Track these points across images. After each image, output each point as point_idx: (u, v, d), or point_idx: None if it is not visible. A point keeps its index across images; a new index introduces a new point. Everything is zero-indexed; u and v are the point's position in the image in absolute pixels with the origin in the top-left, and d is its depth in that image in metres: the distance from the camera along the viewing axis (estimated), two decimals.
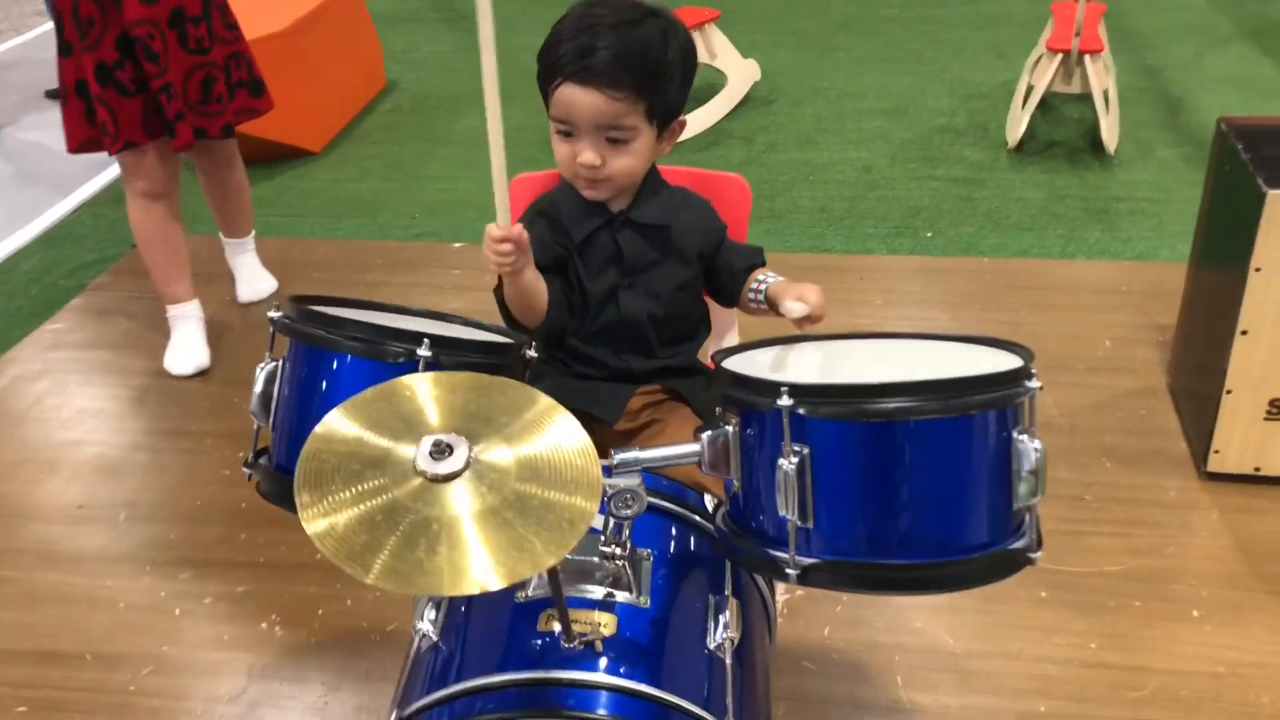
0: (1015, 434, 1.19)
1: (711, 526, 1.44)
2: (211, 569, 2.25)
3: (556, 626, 1.23)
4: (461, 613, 1.33)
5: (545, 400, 1.21)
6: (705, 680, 1.27)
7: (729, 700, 1.26)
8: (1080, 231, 3.48)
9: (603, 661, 1.21)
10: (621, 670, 1.21)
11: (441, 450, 1.09)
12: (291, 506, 1.36)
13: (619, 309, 1.63)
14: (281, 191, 4.00)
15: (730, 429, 1.26)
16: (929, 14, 5.54)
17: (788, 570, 1.20)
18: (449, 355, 1.31)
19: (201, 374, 2.89)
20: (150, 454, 2.62)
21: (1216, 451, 2.29)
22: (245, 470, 1.41)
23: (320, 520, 1.05)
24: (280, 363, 1.39)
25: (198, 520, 2.38)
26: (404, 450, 1.11)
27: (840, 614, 2.05)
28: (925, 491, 1.19)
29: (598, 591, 1.28)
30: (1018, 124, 4.03)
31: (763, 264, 1.69)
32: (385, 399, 1.16)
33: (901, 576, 1.20)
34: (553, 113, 1.55)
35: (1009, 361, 1.28)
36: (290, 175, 4.13)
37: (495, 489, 1.09)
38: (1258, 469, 2.29)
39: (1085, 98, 4.31)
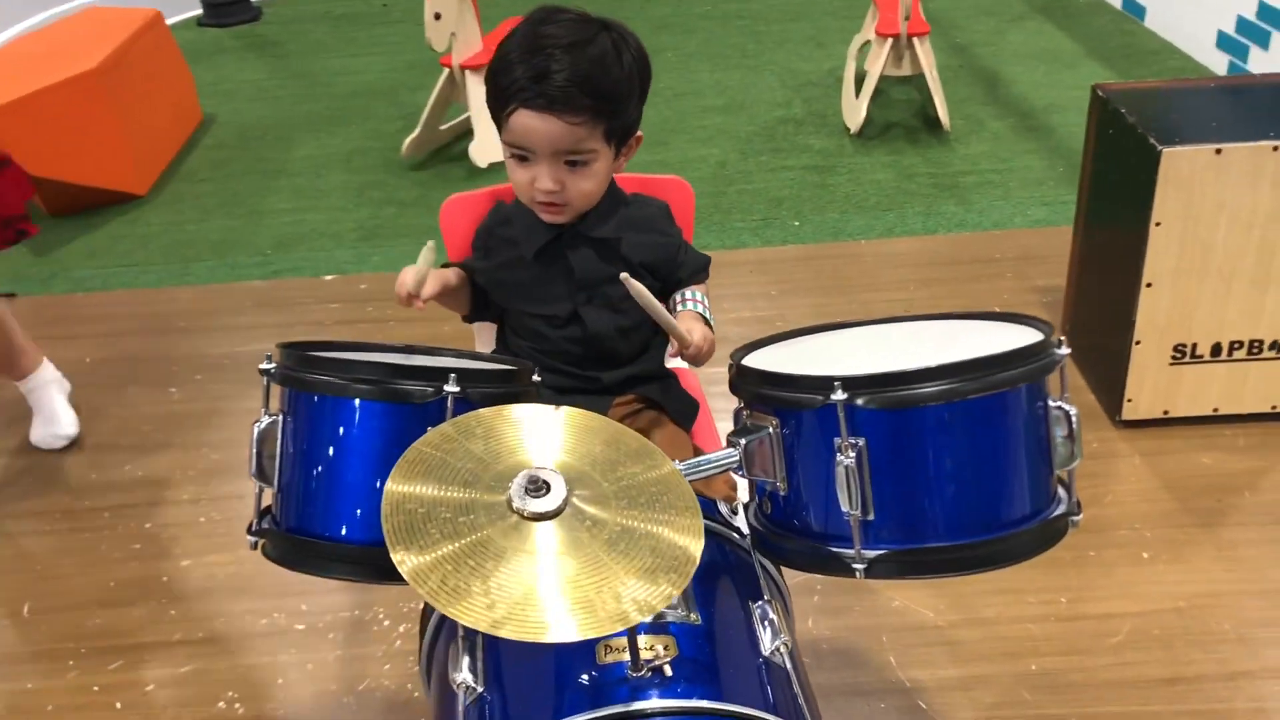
0: (1050, 402, 1.22)
1: (727, 532, 1.42)
2: (145, 653, 2.06)
3: (611, 657, 1.18)
4: (502, 656, 1.26)
5: (611, 424, 1.17)
6: (769, 688, 1.25)
7: (802, 703, 1.24)
8: (936, 207, 3.61)
9: (676, 686, 1.16)
10: (696, 691, 1.17)
11: (538, 486, 1.03)
12: (307, 569, 1.27)
13: (584, 326, 1.59)
14: (114, 240, 3.72)
15: (770, 430, 1.24)
16: (743, 9, 5.66)
17: (855, 565, 1.19)
18: (475, 388, 1.24)
19: (75, 443, 2.65)
20: (40, 538, 2.38)
21: (1130, 400, 2.41)
22: (250, 538, 1.28)
23: (425, 575, 0.96)
24: (280, 418, 1.27)
25: (116, 602, 2.18)
26: (492, 490, 1.03)
27: (819, 603, 2.06)
28: (979, 469, 1.19)
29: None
30: (856, 110, 4.15)
31: (704, 278, 1.68)
32: (452, 440, 1.08)
33: (963, 557, 1.20)
34: (507, 138, 1.49)
35: (1019, 332, 1.30)
36: (120, 222, 3.85)
37: (598, 525, 1.03)
38: (1166, 412, 2.43)
39: (910, 79, 4.49)
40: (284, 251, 3.59)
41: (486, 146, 3.94)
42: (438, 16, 3.75)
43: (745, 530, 1.38)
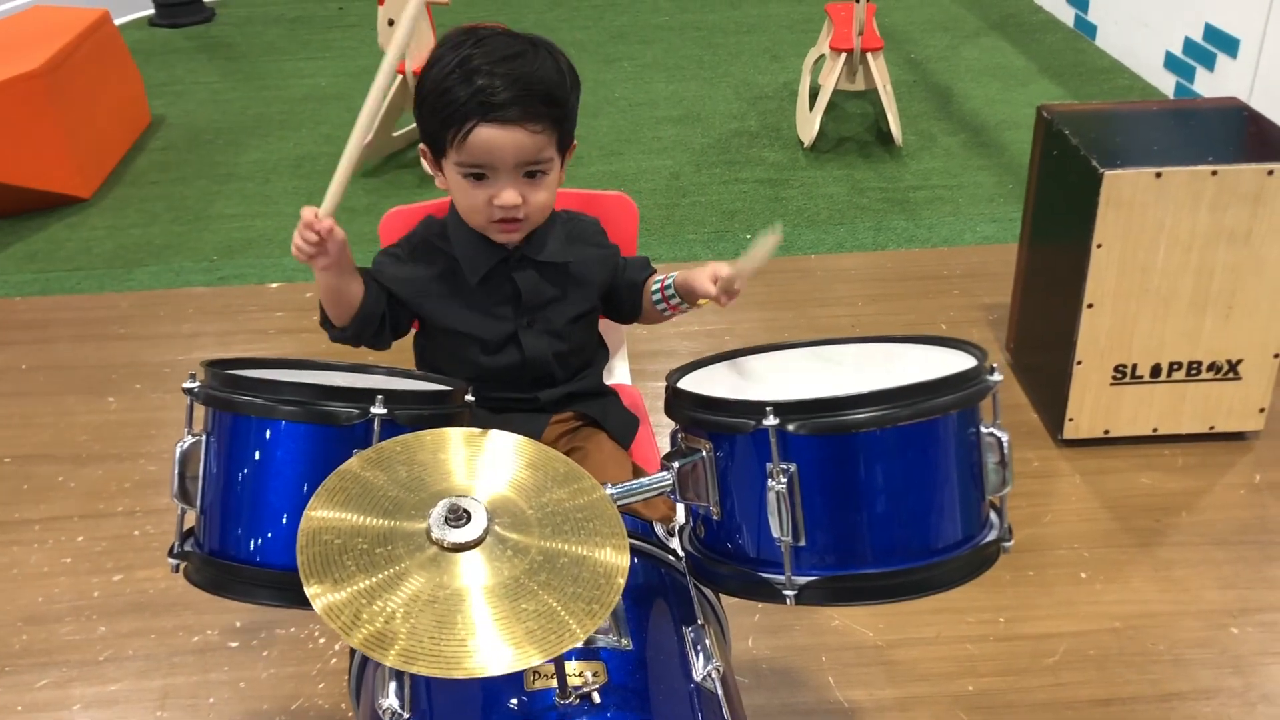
0: (982, 428, 1.22)
1: (662, 554, 1.41)
2: (73, 671, 2.01)
3: (540, 684, 1.16)
4: (430, 682, 1.24)
5: (539, 447, 1.15)
6: (700, 714, 1.24)
7: None
8: (886, 222, 3.63)
9: (605, 713, 1.15)
10: (625, 719, 1.16)
11: (458, 516, 1.01)
12: (231, 594, 1.24)
13: (522, 351, 1.57)
14: (56, 244, 3.65)
15: (704, 454, 1.23)
16: (698, 20, 5.66)
17: (785, 592, 1.18)
18: (403, 410, 1.22)
19: (8, 453, 2.59)
20: None
21: (1071, 419, 2.43)
22: (171, 560, 1.25)
23: (339, 610, 0.94)
24: (204, 438, 1.24)
25: (44, 618, 2.13)
26: (412, 518, 1.02)
27: (760, 622, 2.05)
28: (911, 496, 1.19)
29: None
30: (810, 124, 4.17)
31: (653, 271, 1.66)
32: (375, 466, 1.07)
33: (894, 583, 1.20)
34: (463, 158, 1.44)
35: (953, 357, 1.31)
36: (63, 225, 3.78)
37: (520, 553, 1.01)
38: (1107, 431, 2.45)
39: (864, 94, 4.52)
40: (230, 258, 3.54)
41: None
42: (391, 23, 3.72)
43: (681, 552, 1.37)
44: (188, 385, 1.25)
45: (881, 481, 1.17)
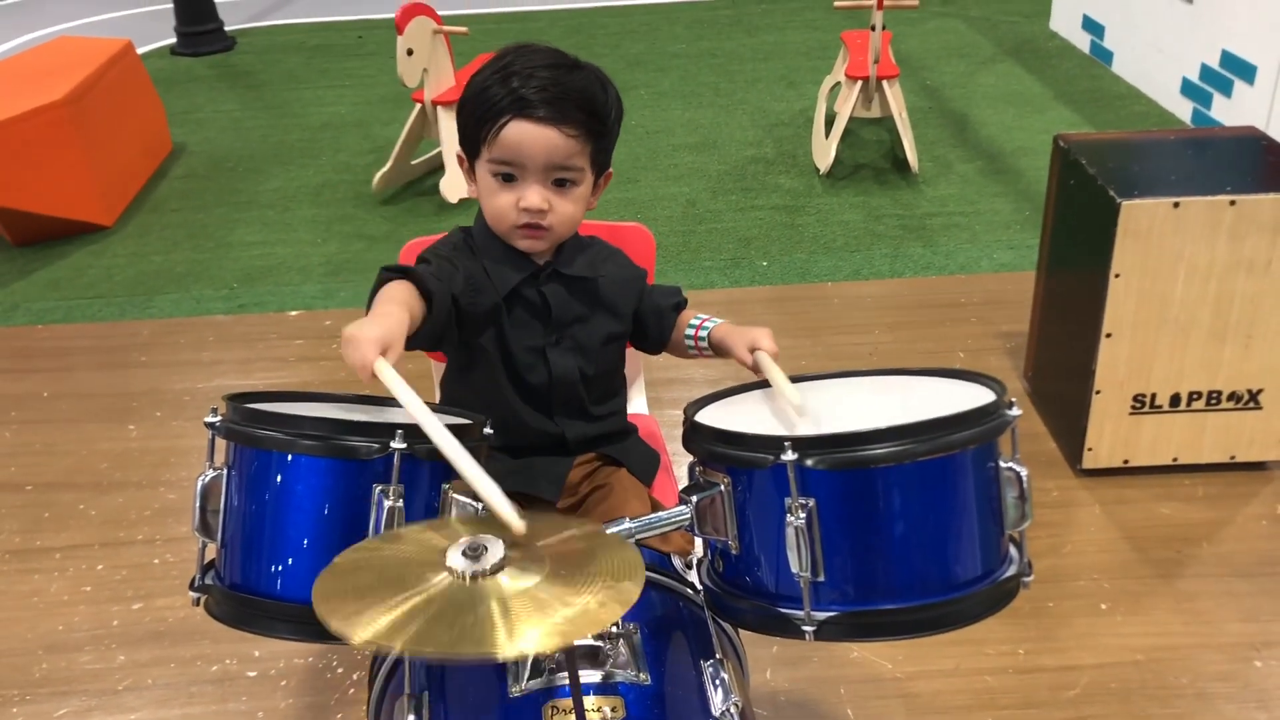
0: (1001, 463, 1.22)
1: (680, 588, 1.41)
2: (92, 700, 2.02)
3: (558, 718, 1.16)
4: (449, 715, 1.24)
5: (575, 521, 1.14)
6: None
7: None
8: (903, 249, 3.63)
9: None
10: None
11: (476, 550, 1.01)
12: (251, 628, 1.25)
13: (549, 369, 1.56)
14: (78, 272, 3.69)
15: (722, 488, 1.23)
16: (715, 48, 5.70)
17: (805, 628, 1.18)
18: (422, 444, 1.22)
19: (29, 481, 2.60)
20: None
21: (1090, 449, 2.42)
22: (192, 594, 1.26)
23: (359, 632, 0.94)
24: (225, 471, 1.25)
25: (64, 647, 2.14)
26: (432, 564, 1.01)
27: (778, 654, 2.04)
28: (930, 531, 1.19)
29: (596, 674, 1.22)
30: (826, 151, 4.18)
31: (685, 303, 1.66)
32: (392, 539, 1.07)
33: (914, 619, 1.19)
34: (495, 155, 1.44)
35: (973, 391, 1.31)
36: (85, 253, 3.82)
37: (536, 574, 1.01)
38: (1126, 461, 2.44)
39: (880, 121, 4.53)
40: (250, 285, 3.57)
41: (457, 182, 3.94)
42: (410, 52, 3.76)
43: (699, 585, 1.37)
44: (209, 420, 1.26)
45: (901, 516, 1.17)
